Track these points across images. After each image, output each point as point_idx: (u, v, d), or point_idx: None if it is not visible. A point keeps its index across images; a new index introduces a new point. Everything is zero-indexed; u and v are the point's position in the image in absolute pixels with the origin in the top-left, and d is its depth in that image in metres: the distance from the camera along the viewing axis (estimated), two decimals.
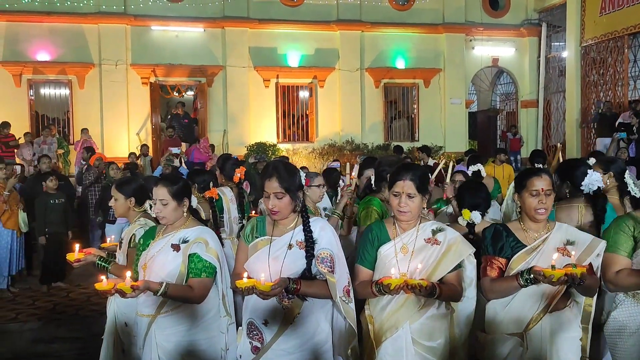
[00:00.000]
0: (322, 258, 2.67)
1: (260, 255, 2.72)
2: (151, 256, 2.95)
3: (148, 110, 14.45)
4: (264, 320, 2.71)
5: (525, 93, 16.94)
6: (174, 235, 2.97)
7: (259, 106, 14.90)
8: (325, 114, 15.35)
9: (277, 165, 2.74)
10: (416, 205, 2.73)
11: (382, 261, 2.76)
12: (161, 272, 2.88)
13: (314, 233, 2.71)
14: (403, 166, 2.87)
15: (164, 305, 2.90)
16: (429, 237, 2.77)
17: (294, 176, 2.72)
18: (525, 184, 2.81)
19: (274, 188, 2.66)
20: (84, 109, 14.05)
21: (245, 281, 2.45)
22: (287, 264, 2.66)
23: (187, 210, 3.03)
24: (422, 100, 16.10)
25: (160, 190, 2.96)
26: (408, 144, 14.95)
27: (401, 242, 2.76)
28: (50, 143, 12.20)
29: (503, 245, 2.81)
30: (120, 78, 14.05)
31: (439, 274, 2.70)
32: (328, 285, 2.65)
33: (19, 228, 7.34)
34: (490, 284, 2.77)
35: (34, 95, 14.28)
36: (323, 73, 15.23)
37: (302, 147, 15.02)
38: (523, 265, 2.73)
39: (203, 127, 14.87)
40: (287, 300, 2.67)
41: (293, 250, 2.69)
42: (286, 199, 2.67)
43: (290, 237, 2.72)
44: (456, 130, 16.00)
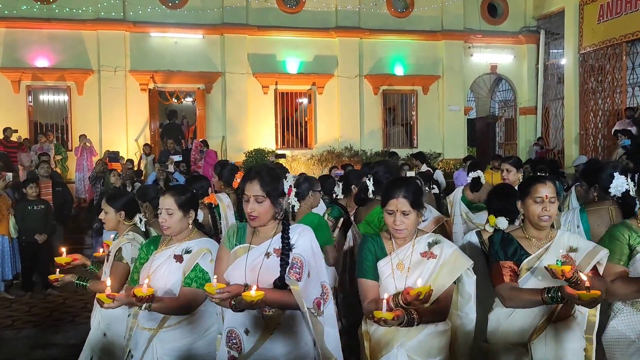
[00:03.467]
0: (292, 264, 2.55)
1: (238, 264, 2.61)
2: (155, 268, 2.90)
3: (147, 116, 14.43)
4: (245, 329, 2.59)
5: (523, 100, 16.97)
6: (178, 247, 2.92)
7: (257, 112, 14.91)
8: (324, 121, 15.35)
9: (260, 169, 2.66)
10: (412, 221, 2.64)
11: (380, 277, 2.68)
12: (164, 284, 2.84)
13: (292, 239, 2.60)
14: (395, 183, 2.73)
15: (167, 319, 2.85)
16: (424, 250, 2.67)
17: (277, 182, 2.62)
18: (529, 191, 2.76)
19: (255, 191, 2.55)
20: (82, 115, 14.04)
21: (215, 286, 2.37)
22: (263, 273, 2.54)
23: (192, 222, 2.98)
24: (421, 107, 16.11)
25: (167, 199, 2.92)
26: (407, 151, 14.93)
27: (397, 258, 2.67)
28: (47, 149, 12.17)
29: (515, 249, 2.76)
30: (119, 84, 14.05)
31: (437, 289, 2.57)
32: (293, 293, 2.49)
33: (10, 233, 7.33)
34: (510, 292, 2.65)
35: (32, 101, 14.26)
36: (322, 80, 15.24)
37: (301, 153, 15.01)
38: (527, 276, 2.70)
39: (202, 134, 14.85)
40: (268, 309, 2.55)
41: (271, 258, 2.57)
42: (266, 204, 2.56)
43: (269, 245, 2.61)
44: (455, 137, 16.00)
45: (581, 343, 2.78)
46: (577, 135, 14.67)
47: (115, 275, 3.26)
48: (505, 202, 3.42)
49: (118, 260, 3.32)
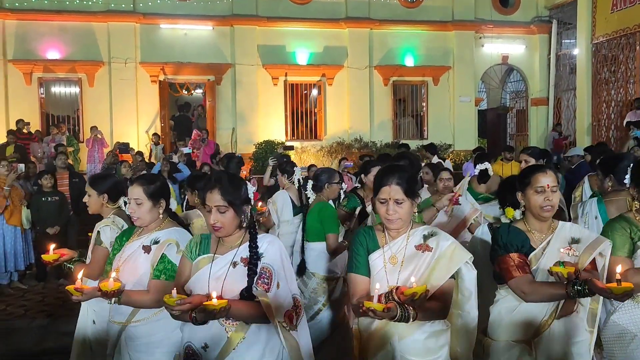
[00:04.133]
0: (260, 274, 2.40)
1: (200, 275, 2.45)
2: (124, 259, 2.84)
3: (157, 108, 14.49)
4: (203, 344, 2.41)
5: (535, 91, 16.82)
6: (147, 237, 2.84)
7: (267, 104, 14.90)
8: (333, 112, 15.32)
9: (220, 176, 2.48)
10: (405, 211, 2.47)
11: (372, 272, 2.53)
12: (132, 276, 2.76)
13: (261, 248, 2.45)
14: (388, 169, 2.56)
15: (136, 313, 2.78)
16: (419, 243, 2.50)
17: (239, 189, 2.47)
18: (530, 181, 2.69)
19: (216, 201, 2.40)
20: (93, 107, 14.12)
21: (174, 297, 2.22)
22: (228, 284, 2.38)
23: (163, 212, 2.89)
24: (431, 98, 16.03)
25: (135, 189, 2.84)
26: (417, 142, 14.88)
27: (390, 251, 2.51)
28: (59, 141, 12.26)
29: (523, 242, 2.65)
30: (130, 76, 14.11)
31: (433, 284, 2.40)
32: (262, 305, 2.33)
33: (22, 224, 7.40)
34: (530, 286, 2.51)
35: (44, 93, 14.36)
36: (332, 71, 15.20)
37: (311, 144, 15.01)
38: (534, 270, 2.61)
39: (212, 125, 14.89)
40: (231, 321, 2.39)
41: (237, 268, 2.42)
42: (229, 214, 2.41)
43: (235, 254, 2.46)
44: (465, 129, 15.91)
45: (585, 336, 2.71)
46: (589, 126, 14.53)
47: (94, 259, 3.22)
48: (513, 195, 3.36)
49: (97, 244, 3.26)
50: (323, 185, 4.44)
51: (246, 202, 2.50)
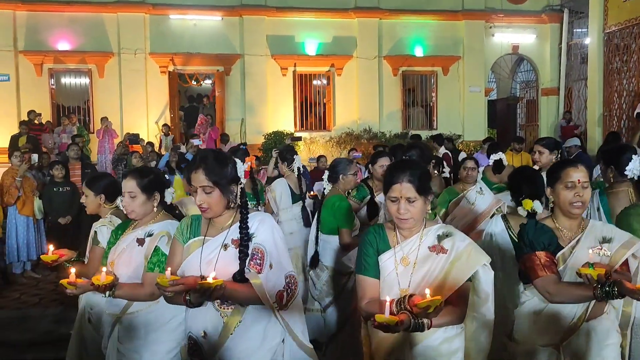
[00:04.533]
0: (252, 255, 2.34)
1: (191, 259, 2.40)
2: (119, 252, 2.83)
3: (167, 99, 14.53)
4: (202, 332, 2.37)
5: (546, 81, 16.69)
6: (142, 230, 2.83)
7: (276, 95, 14.90)
8: (342, 103, 15.30)
9: (205, 155, 2.41)
10: (418, 209, 2.33)
11: (382, 274, 2.39)
12: (127, 268, 2.76)
13: (251, 228, 2.38)
14: (398, 165, 2.43)
15: (130, 305, 2.77)
16: (433, 244, 2.35)
17: (225, 167, 2.38)
18: (560, 176, 2.54)
19: (201, 181, 2.33)
20: (103, 97, 14.19)
21: (168, 278, 2.18)
22: (220, 267, 2.32)
23: (158, 204, 2.87)
24: (441, 88, 15.95)
25: (129, 182, 2.81)
26: (426, 133, 14.84)
27: (402, 252, 2.37)
28: (70, 132, 12.34)
29: (550, 239, 2.50)
30: (139, 67, 14.15)
31: (447, 289, 2.27)
32: (255, 287, 2.28)
33: (35, 215, 7.49)
34: (556, 287, 2.38)
35: (54, 84, 14.45)
36: (341, 61, 15.16)
37: (320, 135, 15.01)
38: (562, 269, 2.48)
39: (221, 116, 14.93)
40: (225, 306, 2.35)
41: (228, 250, 2.36)
42: (216, 194, 2.34)
43: (225, 236, 2.39)
44: (475, 119, 15.84)
45: (617, 339, 2.57)
46: (601, 117, 14.40)
47: (91, 259, 3.23)
48: (532, 185, 3.30)
49: (95, 244, 3.27)
50: (338, 176, 4.38)
51: (234, 181, 2.41)
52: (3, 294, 6.67)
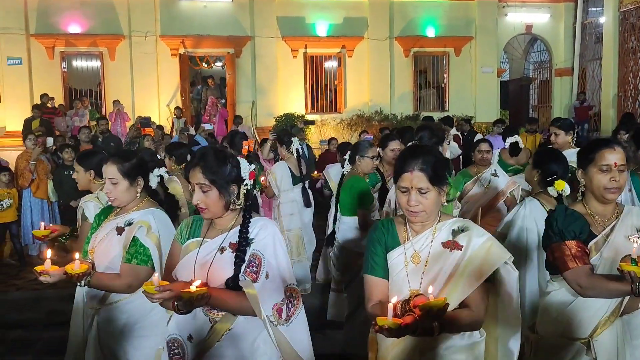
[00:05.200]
0: (249, 261, 2.18)
1: (187, 260, 2.27)
2: (99, 240, 2.72)
3: (178, 81, 14.54)
4: (188, 335, 2.24)
5: (559, 61, 16.48)
6: (123, 218, 2.69)
7: (287, 77, 14.85)
8: (353, 84, 15.22)
9: (204, 152, 2.26)
10: (431, 201, 2.09)
11: (390, 273, 2.18)
12: (105, 258, 2.65)
13: (251, 233, 2.22)
14: (410, 152, 2.18)
15: (108, 296, 2.66)
16: (447, 239, 2.12)
17: (224, 166, 2.21)
18: (594, 158, 2.32)
19: (198, 179, 2.20)
20: (115, 80, 14.23)
21: (156, 284, 2.03)
22: (214, 271, 2.19)
23: (142, 190, 2.73)
24: (453, 69, 15.81)
25: (110, 168, 2.66)
26: (438, 114, 14.73)
27: (412, 249, 2.14)
28: (82, 115, 12.43)
29: (582, 227, 2.29)
30: (150, 49, 14.15)
31: (461, 291, 2.05)
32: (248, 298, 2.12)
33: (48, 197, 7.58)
34: (590, 280, 2.17)
35: (66, 67, 14.51)
36: (352, 42, 15.05)
37: (331, 117, 14.97)
38: (595, 259, 2.28)
39: (232, 98, 14.93)
40: (216, 311, 2.20)
41: (225, 254, 2.21)
42: (213, 194, 2.19)
43: (224, 238, 2.25)
44: (487, 100, 15.70)
45: None
46: (615, 97, 14.23)
47: (81, 235, 3.16)
48: (561, 165, 3.22)
49: (83, 220, 3.20)
50: (354, 158, 4.36)
51: (235, 181, 2.25)
52: (20, 276, 6.79)
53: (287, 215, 5.56)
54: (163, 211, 2.77)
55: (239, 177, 2.27)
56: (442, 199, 2.13)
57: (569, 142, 4.61)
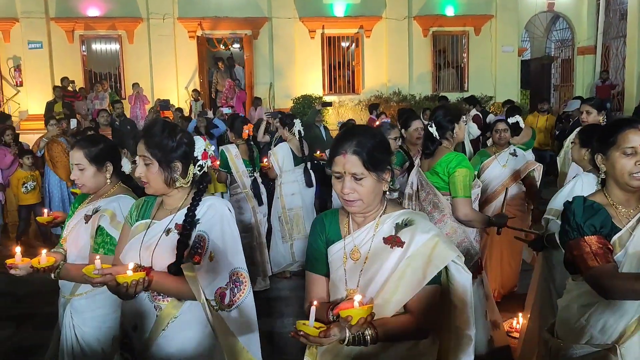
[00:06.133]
0: (194, 243, 2.06)
1: (132, 243, 2.15)
2: (70, 228, 2.65)
3: (196, 63, 14.57)
4: (133, 325, 2.13)
5: (582, 39, 16.15)
6: (92, 206, 2.62)
7: (304, 58, 14.79)
8: (371, 65, 15.11)
9: (151, 125, 2.15)
10: (368, 189, 1.84)
11: (330, 269, 1.98)
12: (75, 247, 2.59)
13: (199, 213, 2.10)
14: (345, 132, 1.92)
15: (79, 286, 2.60)
16: (390, 234, 1.88)
17: (169, 140, 2.08)
18: (616, 140, 2.08)
19: (141, 151, 2.08)
20: (134, 63, 14.32)
21: (98, 267, 1.95)
22: (158, 254, 2.07)
23: (113, 176, 2.65)
24: (473, 48, 15.59)
25: (76, 153, 2.57)
26: (457, 95, 14.60)
27: (352, 244, 1.92)
28: (102, 98, 12.55)
29: (603, 221, 2.02)
30: (168, 32, 14.18)
31: (401, 293, 1.80)
32: (187, 280, 2.00)
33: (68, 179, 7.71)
34: (612, 280, 1.88)
35: (86, 50, 14.63)
36: (369, 22, 14.90)
37: (348, 99, 14.90)
38: (620, 256, 2.01)
39: (250, 80, 14.93)
40: (161, 298, 2.09)
41: (170, 236, 2.09)
42: (153, 168, 2.07)
43: (171, 219, 2.13)
44: (507, 80, 15.46)
45: None
46: (639, 75, 13.94)
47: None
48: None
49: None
50: None
51: (182, 158, 2.11)
52: None
53: (289, 195, 5.78)
54: (133, 198, 2.64)
55: (187, 154, 2.13)
56: (382, 186, 1.89)
57: (600, 121, 4.52)
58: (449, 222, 3.35)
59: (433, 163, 3.44)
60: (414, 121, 4.77)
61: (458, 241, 3.36)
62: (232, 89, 13.57)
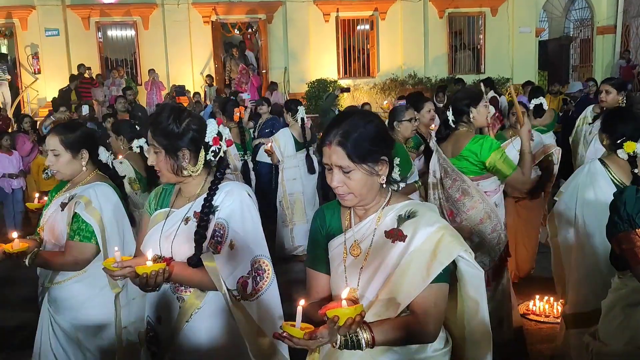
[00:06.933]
0: (213, 231, 2.00)
1: (152, 233, 2.11)
2: (47, 216, 2.61)
3: (210, 49, 14.59)
4: (157, 316, 2.10)
5: (602, 18, 15.84)
6: (68, 193, 2.59)
7: (319, 42, 14.72)
8: (386, 48, 14.99)
9: (159, 112, 2.08)
10: (358, 183, 1.67)
11: (331, 266, 1.84)
12: (52, 235, 2.55)
13: (216, 200, 2.02)
14: (334, 120, 1.75)
15: (56, 274, 2.55)
16: (391, 227, 1.70)
17: (174, 127, 2.00)
18: None
19: (150, 139, 2.04)
20: (149, 49, 14.38)
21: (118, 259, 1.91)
22: (178, 243, 2.02)
23: (89, 164, 2.59)
24: (489, 29, 15.39)
25: (51, 139, 2.52)
26: (473, 77, 14.45)
27: (353, 238, 1.76)
28: (119, 84, 12.64)
29: None
30: (183, 17, 14.19)
31: (404, 292, 1.63)
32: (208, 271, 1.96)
33: None
34: None
35: (102, 37, 14.72)
36: (384, 4, 14.76)
37: (364, 82, 14.83)
38: None
39: (265, 65, 14.92)
40: (183, 289, 2.05)
41: (189, 225, 2.03)
42: (162, 156, 2.02)
43: (189, 207, 2.07)
44: (525, 61, 15.26)
45: None
46: None
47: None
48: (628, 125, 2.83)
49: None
50: (392, 125, 4.21)
51: (190, 144, 2.02)
52: None
53: (290, 180, 5.89)
54: (110, 185, 2.61)
55: (196, 141, 2.04)
56: (377, 179, 1.70)
57: (619, 102, 4.47)
58: (481, 207, 3.26)
59: (459, 149, 3.30)
60: (425, 103, 4.73)
61: (491, 227, 3.27)
62: (246, 73, 13.60)
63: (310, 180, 6.06)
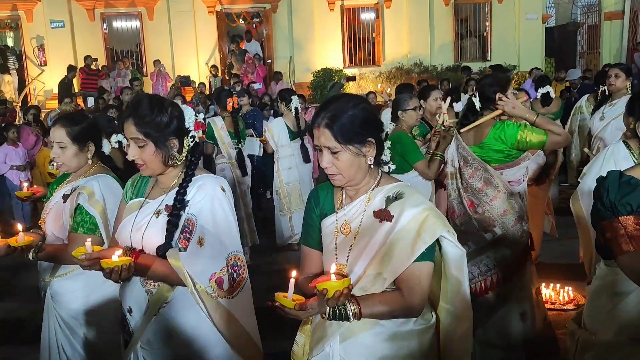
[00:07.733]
0: (183, 226, 1.97)
1: (125, 224, 2.09)
2: (49, 208, 2.59)
3: (215, 39, 14.57)
4: (128, 307, 2.08)
5: (609, 4, 15.67)
6: (70, 185, 2.56)
7: (324, 31, 14.66)
8: (392, 36, 14.91)
9: (137, 101, 2.00)
10: (346, 164, 1.75)
11: (323, 243, 1.93)
12: (54, 227, 2.53)
13: (189, 194, 1.99)
14: (323, 103, 1.83)
15: (58, 268, 2.55)
16: (380, 208, 1.80)
17: (160, 116, 1.94)
18: None
19: (131, 133, 1.95)
20: (154, 40, 14.38)
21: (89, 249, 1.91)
22: (148, 236, 2.00)
23: (93, 156, 2.57)
24: (495, 16, 15.25)
25: (57, 131, 2.49)
26: (480, 64, 14.36)
27: (344, 217, 1.86)
28: (124, 76, 12.66)
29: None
30: (187, 8, 14.17)
31: (390, 269, 1.73)
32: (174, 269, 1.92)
33: None
34: None
35: (107, 28, 14.73)
36: None
37: (369, 71, 14.78)
38: None
39: (270, 55, 14.88)
40: (152, 282, 2.02)
41: (160, 218, 2.00)
42: (149, 149, 1.95)
43: (162, 200, 2.04)
44: (531, 48, 15.12)
45: None
46: None
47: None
48: None
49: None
50: (396, 115, 4.16)
51: (176, 133, 1.99)
52: None
53: (285, 169, 5.94)
54: (113, 177, 2.60)
55: (181, 128, 2.01)
56: (365, 159, 1.78)
57: (627, 87, 4.48)
58: (505, 198, 3.15)
59: (481, 137, 3.21)
60: (432, 91, 4.72)
61: (514, 219, 3.16)
62: (253, 63, 13.56)
63: (307, 169, 6.13)
